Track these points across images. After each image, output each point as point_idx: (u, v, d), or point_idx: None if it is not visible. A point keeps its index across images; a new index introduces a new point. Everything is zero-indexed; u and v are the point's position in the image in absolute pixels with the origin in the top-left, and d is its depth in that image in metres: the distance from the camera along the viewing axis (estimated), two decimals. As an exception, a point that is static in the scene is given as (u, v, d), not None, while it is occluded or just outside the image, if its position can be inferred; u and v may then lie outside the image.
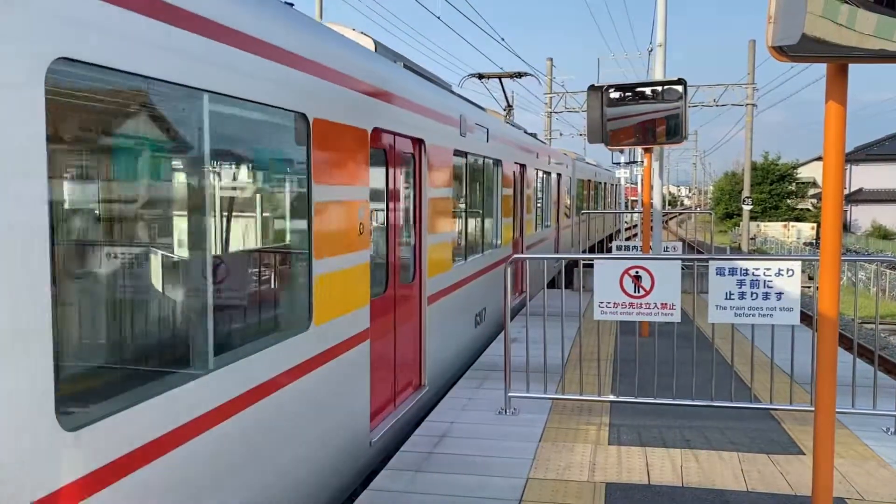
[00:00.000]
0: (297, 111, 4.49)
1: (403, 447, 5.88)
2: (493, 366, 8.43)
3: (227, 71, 3.69)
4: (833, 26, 3.37)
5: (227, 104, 3.83)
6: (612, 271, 6.41)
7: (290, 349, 4.46)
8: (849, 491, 5.01)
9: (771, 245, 47.67)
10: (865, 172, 52.24)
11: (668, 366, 6.87)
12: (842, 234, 4.03)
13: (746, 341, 7.86)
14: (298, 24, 4.65)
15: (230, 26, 3.72)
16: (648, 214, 11.01)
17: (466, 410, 6.85)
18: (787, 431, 6.24)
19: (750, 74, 34.41)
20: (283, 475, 4.42)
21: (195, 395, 3.52)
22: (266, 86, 4.09)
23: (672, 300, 6.34)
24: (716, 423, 6.41)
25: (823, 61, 3.65)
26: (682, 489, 5.06)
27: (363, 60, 5.69)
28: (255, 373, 4.06)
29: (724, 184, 70.64)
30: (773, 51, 3.49)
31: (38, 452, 2.61)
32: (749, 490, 5.03)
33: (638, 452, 5.75)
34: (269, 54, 4.12)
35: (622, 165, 34.61)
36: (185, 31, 3.35)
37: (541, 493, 4.98)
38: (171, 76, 3.26)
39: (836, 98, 3.72)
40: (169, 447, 3.32)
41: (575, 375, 7.68)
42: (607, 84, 9.65)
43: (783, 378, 7.22)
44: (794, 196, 61.75)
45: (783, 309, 6.14)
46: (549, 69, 38.79)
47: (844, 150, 3.79)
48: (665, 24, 10.85)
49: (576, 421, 6.53)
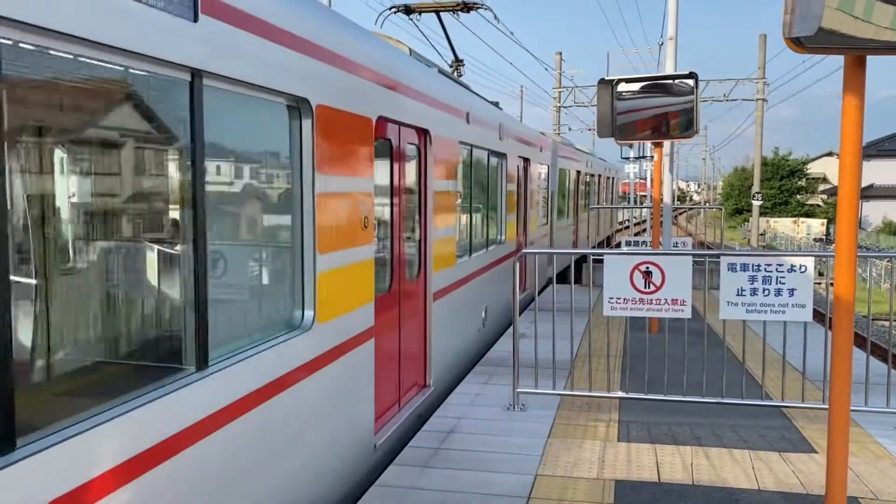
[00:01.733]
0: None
1: (411, 443, 5.84)
2: (502, 361, 8.38)
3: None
4: (849, 19, 3.31)
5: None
6: (623, 267, 6.35)
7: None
8: (862, 490, 4.94)
9: (781, 241, 47.42)
10: (877, 168, 51.80)
11: (679, 362, 6.81)
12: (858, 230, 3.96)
13: (758, 338, 7.79)
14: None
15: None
16: (659, 209, 10.94)
17: (474, 406, 6.81)
18: (800, 429, 6.18)
19: (761, 69, 34.20)
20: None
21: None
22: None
23: (683, 296, 6.27)
24: (727, 421, 6.35)
25: (840, 53, 3.59)
26: (692, 487, 5.01)
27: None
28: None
29: (733, 179, 70.35)
30: (790, 42, 3.42)
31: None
32: (761, 489, 4.97)
33: (648, 450, 5.70)
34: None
35: (631, 160, 34.45)
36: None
37: (549, 490, 4.94)
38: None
39: (854, 90, 3.65)
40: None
41: (584, 371, 7.62)
42: (618, 77, 9.57)
43: (795, 375, 7.15)
44: (804, 192, 61.45)
45: (796, 305, 6.06)
46: (559, 63, 38.66)
47: (861, 143, 3.72)
48: (676, 18, 10.77)
49: (585, 417, 6.48)
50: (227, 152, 3.90)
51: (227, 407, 3.56)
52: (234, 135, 3.96)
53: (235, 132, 3.97)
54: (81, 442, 2.64)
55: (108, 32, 2.71)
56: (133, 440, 2.91)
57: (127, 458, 2.86)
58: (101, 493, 2.73)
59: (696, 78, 9.39)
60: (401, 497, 4.84)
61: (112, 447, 2.79)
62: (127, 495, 2.86)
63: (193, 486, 3.31)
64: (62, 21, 2.52)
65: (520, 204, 12.08)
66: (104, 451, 2.75)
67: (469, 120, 8.39)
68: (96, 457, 2.71)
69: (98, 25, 2.67)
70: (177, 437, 3.18)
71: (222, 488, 3.54)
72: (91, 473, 2.69)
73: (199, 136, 3.35)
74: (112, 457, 2.79)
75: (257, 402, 3.84)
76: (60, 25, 2.51)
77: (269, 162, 4.40)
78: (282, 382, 4.10)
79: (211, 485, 3.44)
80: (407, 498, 4.83)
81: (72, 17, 2.56)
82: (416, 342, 6.89)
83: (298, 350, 4.31)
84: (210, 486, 3.44)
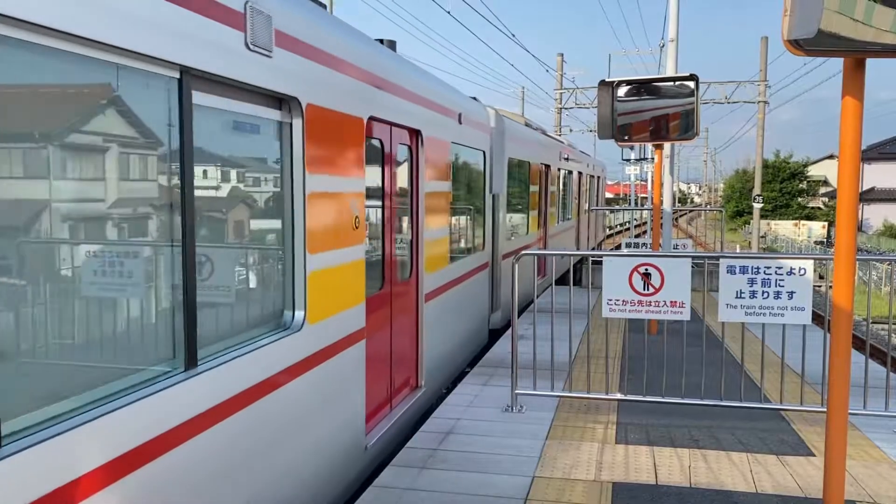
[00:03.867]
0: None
1: (409, 443, 5.83)
2: (500, 362, 8.38)
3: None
4: (849, 21, 3.31)
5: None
6: (622, 268, 6.34)
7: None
8: (860, 494, 4.94)
9: (781, 243, 47.42)
10: (878, 171, 51.76)
11: (677, 364, 6.80)
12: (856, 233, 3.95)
13: (757, 340, 7.78)
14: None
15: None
16: (659, 211, 10.93)
17: (472, 407, 6.80)
18: (798, 432, 6.17)
19: (762, 71, 34.15)
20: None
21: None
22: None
23: (682, 298, 6.27)
24: (725, 423, 6.34)
25: (839, 55, 3.58)
26: (690, 490, 5.00)
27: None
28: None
29: (734, 181, 70.35)
30: (789, 44, 3.42)
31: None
32: (758, 491, 4.97)
33: (646, 452, 5.69)
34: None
35: (632, 162, 34.41)
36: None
37: (547, 492, 4.93)
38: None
39: (853, 93, 3.64)
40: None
41: (582, 373, 7.62)
42: (618, 79, 9.56)
43: (794, 378, 7.14)
44: (804, 194, 61.42)
45: (795, 308, 6.06)
46: (560, 64, 38.65)
47: (860, 146, 3.71)
48: (677, 19, 10.77)
49: (583, 419, 6.47)
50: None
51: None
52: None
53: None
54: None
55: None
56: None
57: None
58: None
59: (697, 80, 9.39)
60: (398, 498, 4.83)
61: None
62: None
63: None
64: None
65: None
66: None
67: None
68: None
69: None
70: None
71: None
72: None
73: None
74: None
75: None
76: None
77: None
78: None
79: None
80: (404, 499, 4.82)
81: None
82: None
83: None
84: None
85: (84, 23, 2.65)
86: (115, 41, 2.81)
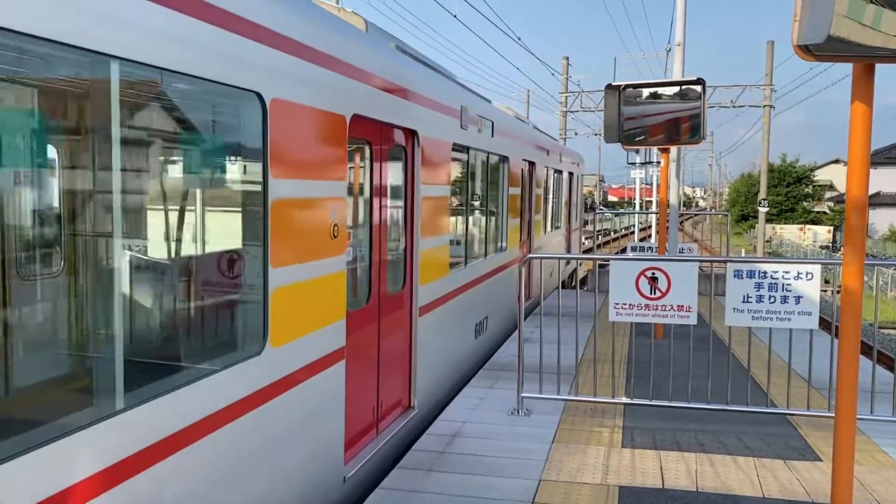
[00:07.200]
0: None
1: (415, 446, 5.84)
2: (506, 366, 8.38)
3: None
4: (858, 27, 3.31)
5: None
6: (629, 272, 6.35)
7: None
8: (867, 499, 4.93)
9: (787, 248, 47.31)
10: (884, 176, 51.60)
11: (684, 368, 6.80)
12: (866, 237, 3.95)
13: (763, 345, 7.77)
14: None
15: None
16: (665, 215, 10.92)
17: (478, 410, 6.81)
18: (804, 437, 6.16)
19: (768, 76, 34.09)
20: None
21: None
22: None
23: (688, 302, 6.27)
24: (731, 428, 6.33)
25: (848, 61, 3.59)
26: (696, 494, 4.99)
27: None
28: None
29: (740, 185, 70.25)
30: (799, 50, 3.42)
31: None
32: (765, 496, 4.96)
33: (652, 456, 5.69)
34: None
35: (637, 166, 34.36)
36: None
37: (553, 496, 4.93)
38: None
39: (862, 98, 3.64)
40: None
41: (588, 377, 7.61)
42: (625, 83, 9.57)
43: (800, 383, 7.13)
44: (810, 199, 61.29)
45: (801, 313, 6.05)
46: (565, 68, 38.66)
47: (869, 151, 3.72)
48: (684, 23, 10.77)
49: (589, 423, 6.47)
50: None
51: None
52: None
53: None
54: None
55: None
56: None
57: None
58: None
59: (704, 84, 9.38)
60: (404, 500, 4.84)
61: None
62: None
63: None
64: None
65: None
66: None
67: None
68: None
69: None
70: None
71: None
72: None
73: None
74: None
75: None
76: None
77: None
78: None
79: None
80: (410, 501, 4.83)
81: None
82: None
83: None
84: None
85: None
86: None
